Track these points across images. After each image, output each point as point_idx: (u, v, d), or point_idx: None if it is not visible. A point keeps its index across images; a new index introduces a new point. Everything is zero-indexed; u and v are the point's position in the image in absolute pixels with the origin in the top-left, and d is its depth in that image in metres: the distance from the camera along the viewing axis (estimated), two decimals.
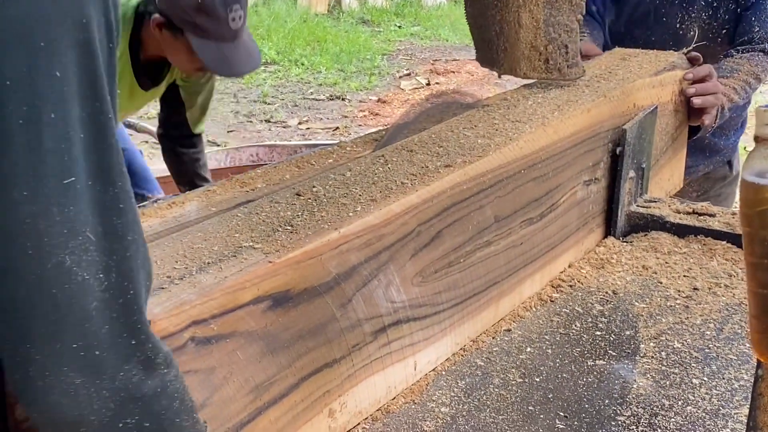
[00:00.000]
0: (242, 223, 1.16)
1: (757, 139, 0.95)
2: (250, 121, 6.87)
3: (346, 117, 6.99)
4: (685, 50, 2.15)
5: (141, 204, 1.50)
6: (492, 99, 1.83)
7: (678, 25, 2.28)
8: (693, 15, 2.27)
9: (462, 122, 1.60)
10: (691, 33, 2.25)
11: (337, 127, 6.68)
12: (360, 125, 6.75)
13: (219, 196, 1.34)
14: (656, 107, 1.97)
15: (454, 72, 7.95)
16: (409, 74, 7.99)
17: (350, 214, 1.20)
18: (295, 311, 1.09)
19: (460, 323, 1.40)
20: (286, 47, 8.48)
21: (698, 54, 2.14)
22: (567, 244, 1.70)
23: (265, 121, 6.90)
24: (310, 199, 1.24)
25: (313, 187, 1.29)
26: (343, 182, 1.31)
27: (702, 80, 2.09)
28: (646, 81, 1.94)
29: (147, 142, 5.16)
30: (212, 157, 3.66)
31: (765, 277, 0.95)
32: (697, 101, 2.08)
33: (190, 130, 3.00)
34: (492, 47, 1.81)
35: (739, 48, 2.23)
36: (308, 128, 6.70)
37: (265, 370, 1.05)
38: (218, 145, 5.75)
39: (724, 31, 2.28)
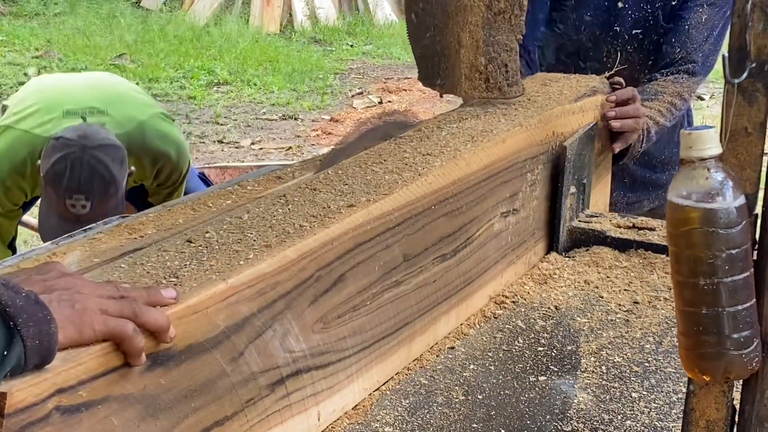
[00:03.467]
0: (125, 275, 1.10)
1: (683, 161, 0.98)
2: (203, 142, 6.79)
3: (299, 136, 6.94)
4: (607, 74, 2.13)
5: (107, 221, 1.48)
6: (425, 123, 1.80)
7: (604, 59, 2.28)
8: (618, 48, 2.27)
9: (371, 157, 1.55)
10: (617, 65, 2.25)
11: (290, 147, 6.63)
12: (313, 144, 6.70)
13: (104, 244, 1.27)
14: (596, 123, 1.99)
15: (406, 90, 7.92)
16: (361, 93, 7.96)
17: (241, 262, 1.15)
18: (177, 370, 1.04)
19: (368, 368, 1.35)
20: (238, 67, 8.40)
21: (621, 79, 2.13)
22: (485, 277, 1.66)
23: (218, 141, 6.81)
24: (201, 246, 1.19)
25: (206, 232, 1.23)
26: (238, 226, 1.26)
27: (624, 103, 2.07)
28: (565, 107, 1.91)
29: None
30: None
31: (691, 295, 0.99)
32: (615, 124, 2.07)
33: None
34: (433, 67, 1.84)
35: (663, 71, 2.23)
36: (261, 148, 6.64)
37: None
38: None
39: (650, 62, 2.28)
